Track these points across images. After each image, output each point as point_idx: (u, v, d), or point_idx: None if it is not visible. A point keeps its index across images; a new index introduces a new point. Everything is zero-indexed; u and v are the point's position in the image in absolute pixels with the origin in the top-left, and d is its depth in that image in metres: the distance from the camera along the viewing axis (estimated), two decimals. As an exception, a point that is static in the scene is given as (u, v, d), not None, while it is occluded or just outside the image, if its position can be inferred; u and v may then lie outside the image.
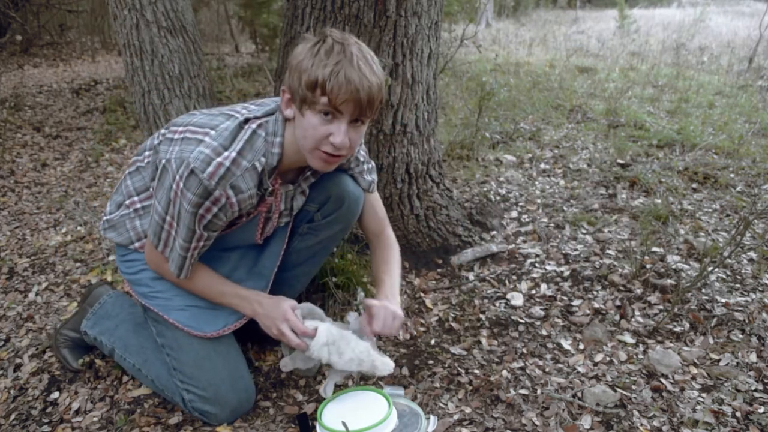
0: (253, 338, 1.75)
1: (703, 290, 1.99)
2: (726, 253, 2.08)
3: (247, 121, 1.29)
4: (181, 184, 1.23)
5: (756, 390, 1.54)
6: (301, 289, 1.74)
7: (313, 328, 1.35)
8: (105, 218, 1.53)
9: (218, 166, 1.22)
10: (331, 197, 1.51)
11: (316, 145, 1.24)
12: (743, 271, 2.13)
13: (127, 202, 1.47)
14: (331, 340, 1.34)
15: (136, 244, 1.48)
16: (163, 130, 1.37)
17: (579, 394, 1.53)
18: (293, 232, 1.59)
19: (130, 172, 1.48)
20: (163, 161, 1.27)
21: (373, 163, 1.60)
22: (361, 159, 1.55)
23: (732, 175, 3.11)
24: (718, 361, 1.66)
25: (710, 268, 1.96)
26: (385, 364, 1.37)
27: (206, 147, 1.23)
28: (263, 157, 1.29)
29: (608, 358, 1.69)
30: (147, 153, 1.43)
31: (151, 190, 1.41)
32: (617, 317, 1.87)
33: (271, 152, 1.30)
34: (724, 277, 2.10)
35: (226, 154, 1.24)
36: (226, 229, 1.41)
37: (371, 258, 1.63)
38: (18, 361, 1.79)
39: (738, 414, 1.45)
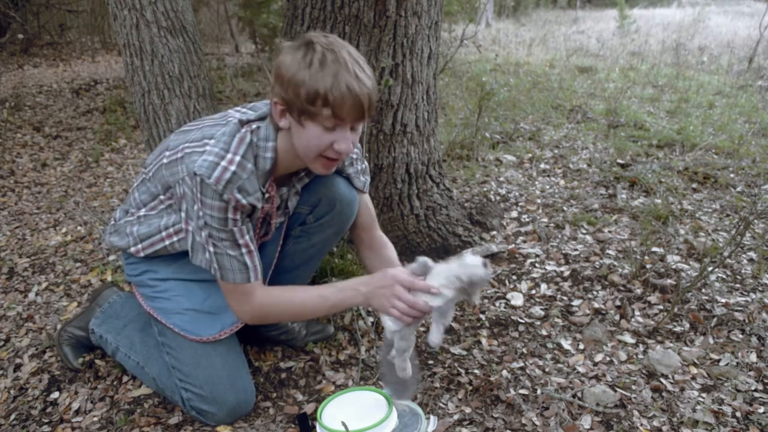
0: (253, 340, 1.75)
1: (703, 290, 1.99)
2: (726, 253, 2.08)
3: (242, 124, 1.31)
4: (199, 195, 1.25)
5: (756, 390, 1.54)
6: None
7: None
8: (112, 223, 1.57)
9: (224, 170, 1.24)
10: (322, 200, 1.52)
11: (320, 153, 1.26)
12: (743, 271, 2.13)
13: (132, 210, 1.51)
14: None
15: (132, 249, 1.50)
16: (167, 153, 1.36)
17: (579, 394, 1.53)
18: (287, 235, 1.59)
19: (137, 185, 1.50)
20: (177, 184, 1.31)
21: (366, 164, 1.60)
22: (355, 157, 1.54)
23: (732, 175, 3.12)
24: (718, 361, 1.66)
25: (710, 268, 1.96)
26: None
27: (209, 154, 1.25)
28: (258, 162, 1.31)
29: (608, 358, 1.69)
30: (151, 165, 1.44)
31: (156, 200, 1.43)
32: (617, 317, 1.87)
33: (263, 157, 1.31)
34: (724, 277, 2.10)
35: (229, 157, 1.26)
36: None
37: (364, 257, 1.62)
38: (18, 361, 1.79)
39: (738, 414, 1.45)
